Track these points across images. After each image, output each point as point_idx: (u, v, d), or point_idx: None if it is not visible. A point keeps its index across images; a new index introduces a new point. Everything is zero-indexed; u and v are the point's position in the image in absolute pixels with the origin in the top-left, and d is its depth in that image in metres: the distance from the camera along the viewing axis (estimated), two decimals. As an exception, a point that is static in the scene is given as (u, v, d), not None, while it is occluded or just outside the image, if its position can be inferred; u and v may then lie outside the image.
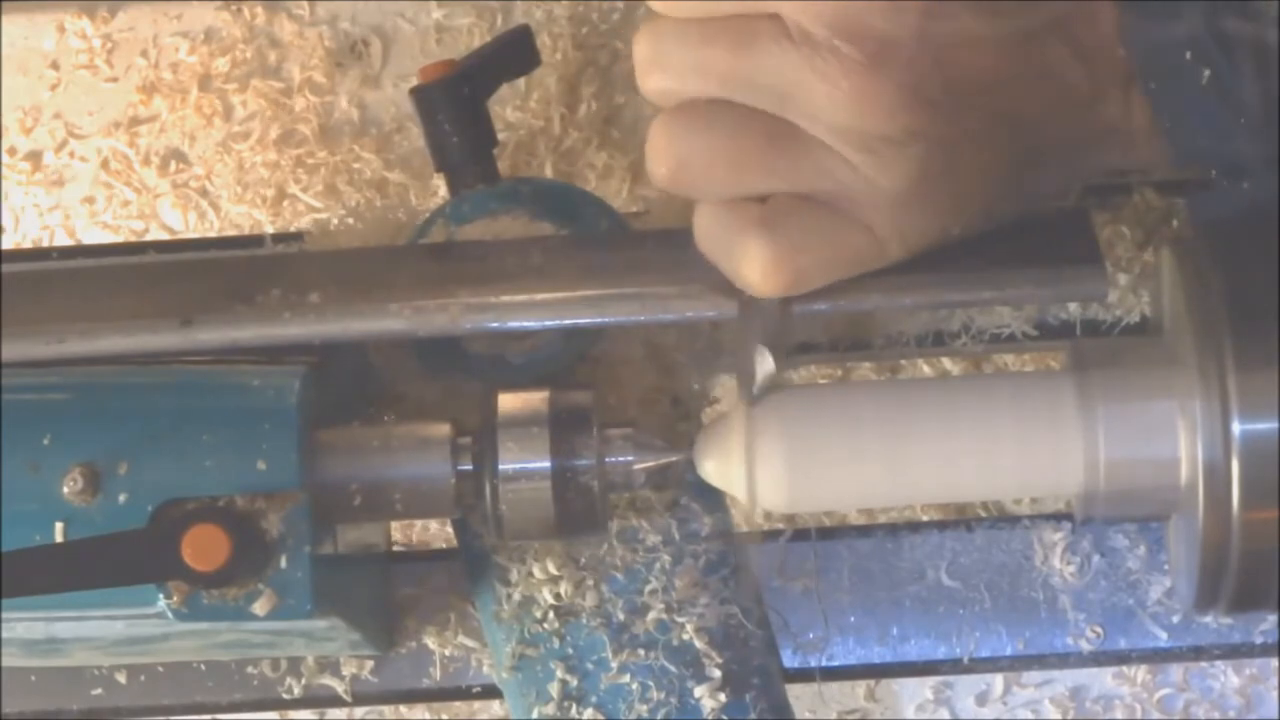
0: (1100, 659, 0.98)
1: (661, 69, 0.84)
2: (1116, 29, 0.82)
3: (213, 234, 1.38)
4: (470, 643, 0.98)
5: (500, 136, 1.04)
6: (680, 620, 0.93)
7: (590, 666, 0.93)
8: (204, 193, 1.39)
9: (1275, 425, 0.83)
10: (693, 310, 0.90)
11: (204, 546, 0.83)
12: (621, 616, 0.94)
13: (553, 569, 0.94)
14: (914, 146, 0.81)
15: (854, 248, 0.85)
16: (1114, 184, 0.98)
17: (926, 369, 1.32)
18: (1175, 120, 0.83)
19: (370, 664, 0.99)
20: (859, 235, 0.84)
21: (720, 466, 0.89)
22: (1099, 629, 0.97)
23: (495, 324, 0.91)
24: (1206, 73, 0.81)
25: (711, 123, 0.83)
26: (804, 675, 0.98)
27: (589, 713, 0.92)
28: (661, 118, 0.85)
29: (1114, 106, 0.84)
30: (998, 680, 1.38)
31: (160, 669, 0.99)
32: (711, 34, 0.82)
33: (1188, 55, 0.81)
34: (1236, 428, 0.83)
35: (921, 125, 0.81)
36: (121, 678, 0.99)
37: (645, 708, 0.92)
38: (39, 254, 1.16)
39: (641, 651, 0.93)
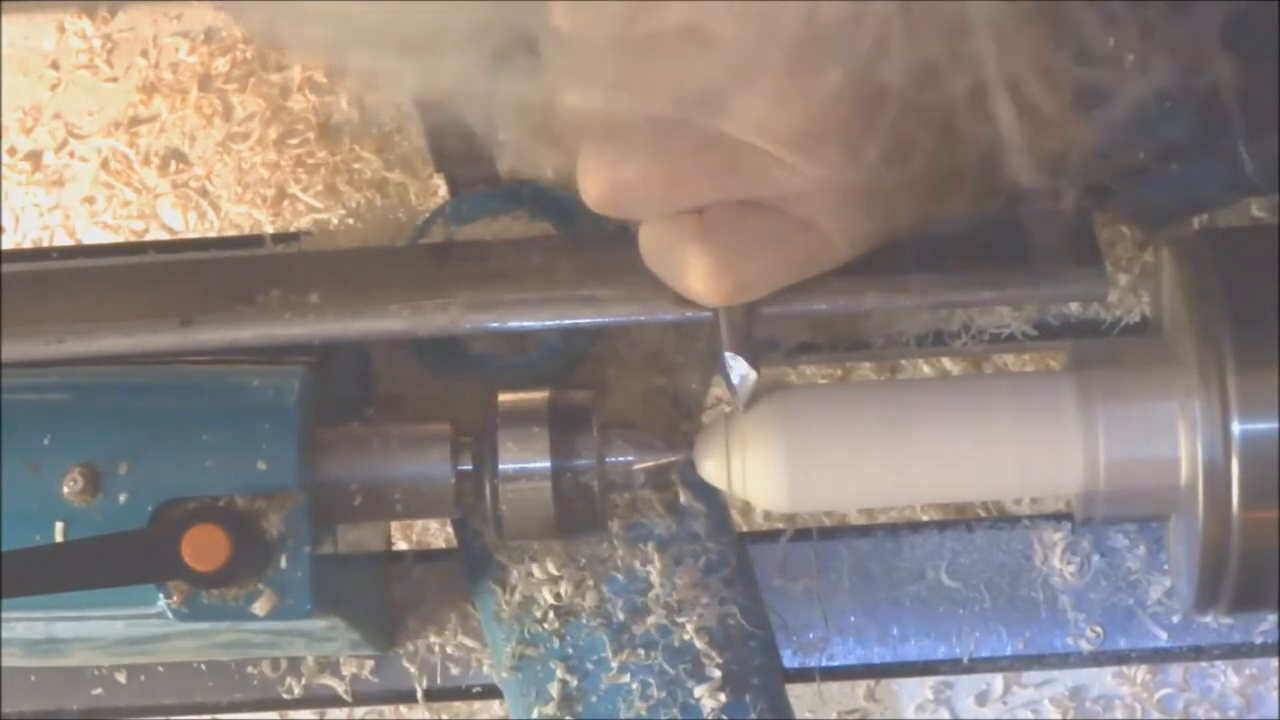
0: (1100, 659, 0.98)
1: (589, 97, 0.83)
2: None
3: (213, 234, 1.38)
4: (470, 643, 0.98)
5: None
6: (680, 620, 0.93)
7: (590, 666, 0.93)
8: (204, 193, 1.39)
9: (1275, 425, 0.83)
10: (692, 310, 0.90)
11: (204, 546, 0.83)
12: (621, 616, 0.94)
13: (553, 569, 0.94)
14: (841, 140, 0.81)
15: (800, 248, 0.85)
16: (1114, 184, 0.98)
17: (926, 369, 1.32)
18: (1101, 106, 0.82)
19: (370, 664, 0.99)
20: (804, 234, 0.84)
21: (720, 466, 0.89)
22: (1099, 629, 0.97)
23: (495, 324, 0.91)
24: (1130, 58, 0.80)
25: (639, 141, 0.83)
26: (804, 675, 0.98)
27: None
28: (589, 143, 0.84)
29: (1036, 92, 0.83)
30: (998, 680, 1.38)
31: (160, 669, 0.99)
32: (633, 53, 0.81)
33: (1111, 41, 0.81)
34: (1236, 428, 0.83)
35: (849, 119, 0.81)
36: (121, 678, 0.99)
37: (645, 707, 0.92)
38: (39, 254, 1.16)
39: (641, 651, 0.93)
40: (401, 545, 1.32)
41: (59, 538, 0.84)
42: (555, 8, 0.82)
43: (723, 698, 0.93)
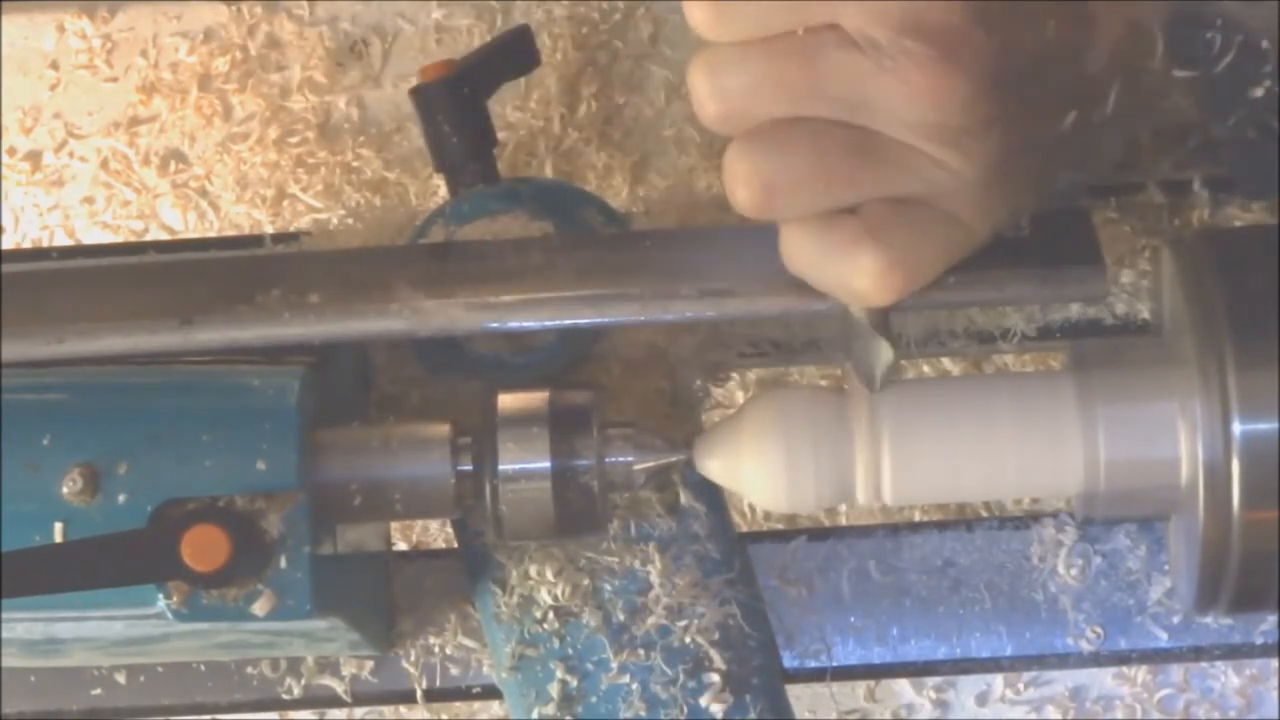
0: (1100, 659, 0.98)
1: (723, 96, 0.82)
2: None
3: (213, 234, 1.38)
4: (470, 643, 0.98)
5: (500, 136, 1.04)
6: (680, 621, 0.93)
7: (590, 667, 0.93)
8: (204, 193, 1.39)
9: (1275, 425, 0.83)
10: (693, 310, 0.90)
11: (204, 546, 0.83)
12: (621, 617, 0.94)
13: (552, 569, 0.94)
14: (991, 133, 0.81)
15: (952, 240, 0.85)
16: (1116, 183, 0.98)
17: (926, 369, 1.32)
18: (1205, 85, 0.83)
19: (370, 664, 0.99)
20: (954, 227, 0.84)
21: (720, 466, 0.89)
22: (1099, 629, 0.97)
23: (495, 324, 0.91)
24: (1239, 39, 0.81)
25: (791, 142, 0.82)
26: (804, 675, 0.98)
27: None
28: (737, 144, 0.83)
29: (1157, 66, 0.83)
30: (998, 680, 1.38)
31: (160, 669, 0.99)
32: (776, 53, 0.81)
33: (1220, 23, 0.81)
34: (1236, 428, 0.83)
35: (996, 111, 0.81)
36: (121, 678, 0.99)
37: (645, 707, 0.92)
38: (39, 254, 1.16)
39: (641, 652, 0.93)
40: (401, 545, 1.32)
41: (59, 538, 0.84)
42: (694, 4, 0.82)
43: (723, 698, 0.93)
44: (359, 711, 1.34)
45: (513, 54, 1.03)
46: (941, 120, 0.81)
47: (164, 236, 1.38)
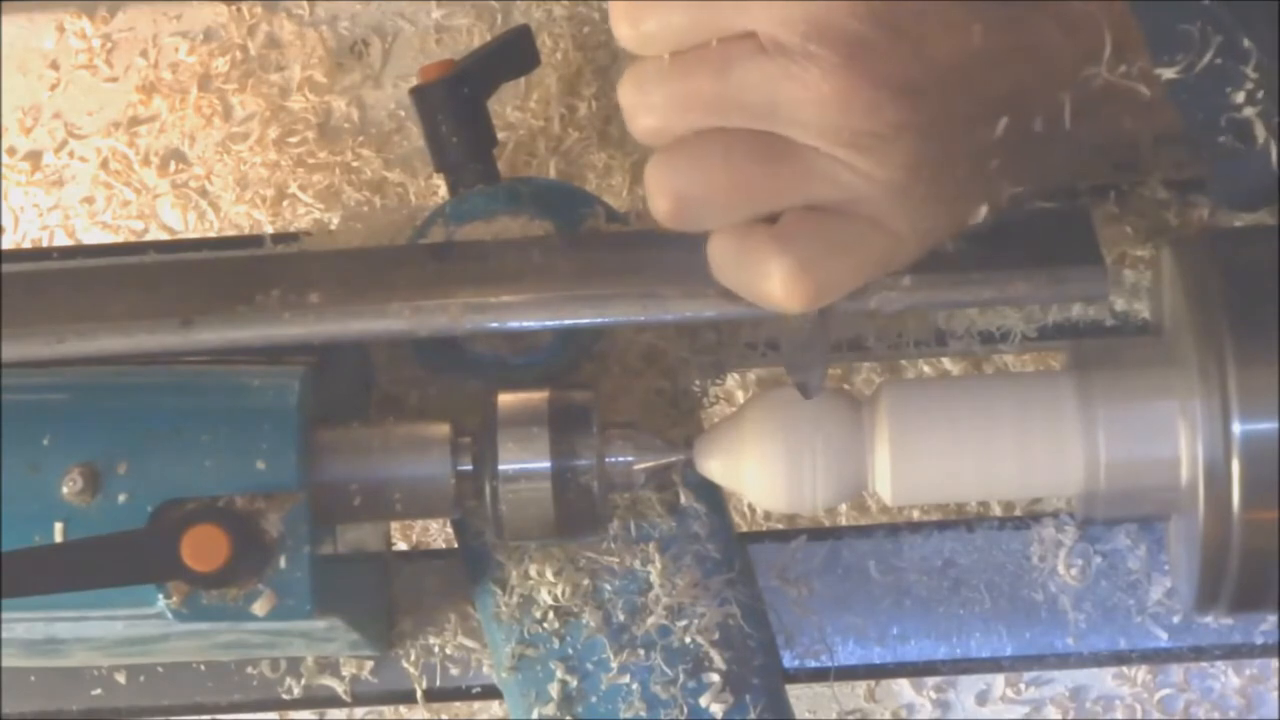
0: (1100, 659, 0.98)
1: (648, 110, 0.84)
2: None
3: (213, 234, 1.38)
4: (470, 643, 0.98)
5: (500, 136, 1.04)
6: (680, 621, 0.93)
7: (590, 667, 0.93)
8: (204, 193, 1.39)
9: (1275, 425, 0.83)
10: (692, 310, 0.90)
11: (203, 547, 0.83)
12: (621, 617, 0.94)
13: (552, 570, 0.94)
14: (904, 138, 0.81)
15: (873, 248, 0.85)
16: (1116, 183, 0.98)
17: (926, 369, 1.32)
18: (1187, 90, 0.82)
19: (370, 664, 0.99)
20: (874, 235, 0.84)
21: (720, 466, 0.89)
22: (1099, 629, 0.97)
23: (495, 324, 0.91)
24: (1218, 39, 0.81)
25: (706, 152, 0.83)
26: (805, 675, 0.98)
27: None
28: (656, 157, 0.85)
29: (1109, 72, 0.83)
30: (998, 680, 1.38)
31: (160, 669, 0.99)
32: (690, 65, 0.82)
33: (1199, 24, 0.81)
34: (1236, 428, 0.83)
35: (908, 116, 0.81)
36: (121, 678, 0.99)
37: (645, 708, 0.92)
38: (39, 254, 1.16)
39: (641, 652, 0.93)
40: (401, 545, 1.32)
41: (59, 538, 0.84)
42: (616, 18, 0.83)
43: (723, 698, 0.93)
44: (359, 711, 1.34)
45: (513, 54, 1.03)
46: (848, 124, 0.81)
47: (164, 236, 1.38)
